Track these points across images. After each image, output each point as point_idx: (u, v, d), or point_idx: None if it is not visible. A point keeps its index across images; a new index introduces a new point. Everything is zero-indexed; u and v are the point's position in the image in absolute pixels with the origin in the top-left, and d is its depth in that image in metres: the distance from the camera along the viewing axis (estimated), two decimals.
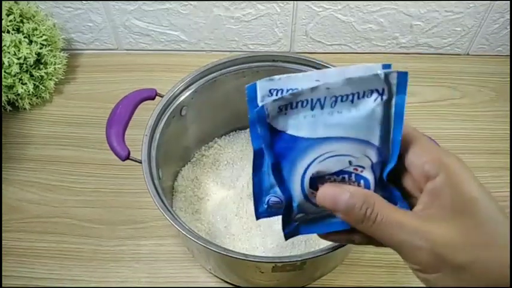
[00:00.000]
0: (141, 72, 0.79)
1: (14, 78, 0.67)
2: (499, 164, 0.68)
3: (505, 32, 0.78)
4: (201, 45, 0.81)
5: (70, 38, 0.81)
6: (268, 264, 0.45)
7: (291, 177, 0.30)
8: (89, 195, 0.65)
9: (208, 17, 0.76)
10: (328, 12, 0.75)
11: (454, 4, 0.74)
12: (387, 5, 0.74)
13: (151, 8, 0.75)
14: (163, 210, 0.46)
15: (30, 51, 0.67)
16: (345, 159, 0.29)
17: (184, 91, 0.56)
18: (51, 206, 0.63)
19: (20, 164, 0.68)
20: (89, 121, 0.72)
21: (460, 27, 0.77)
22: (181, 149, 0.63)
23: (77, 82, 0.78)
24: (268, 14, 0.76)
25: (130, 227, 0.62)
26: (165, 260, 0.59)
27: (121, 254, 0.59)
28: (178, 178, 0.63)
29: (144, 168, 0.48)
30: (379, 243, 0.30)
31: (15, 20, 0.67)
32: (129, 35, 0.80)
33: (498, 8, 0.74)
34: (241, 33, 0.79)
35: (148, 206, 0.63)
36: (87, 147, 0.69)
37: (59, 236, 0.61)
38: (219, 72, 0.57)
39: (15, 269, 0.58)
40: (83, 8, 0.76)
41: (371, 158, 0.29)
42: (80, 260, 0.59)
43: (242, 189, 0.62)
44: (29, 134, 0.71)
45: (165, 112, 0.54)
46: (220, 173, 0.64)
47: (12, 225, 0.62)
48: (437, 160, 0.28)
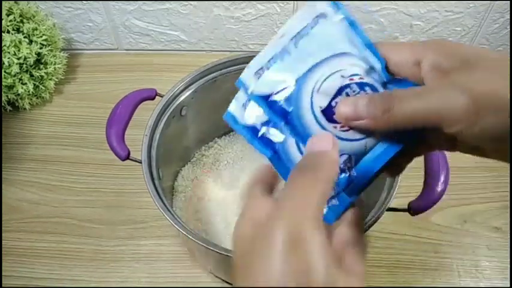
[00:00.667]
0: (141, 72, 0.79)
1: (14, 78, 0.67)
2: (499, 164, 0.68)
3: (505, 32, 0.78)
4: (201, 45, 0.81)
5: (70, 38, 0.81)
6: None
7: (306, 127, 0.28)
8: (89, 195, 0.65)
9: (208, 17, 0.76)
10: None
11: (454, 4, 0.74)
12: (387, 5, 0.74)
13: (151, 8, 0.75)
14: (163, 210, 0.46)
15: (30, 51, 0.67)
16: (336, 76, 0.28)
17: (184, 91, 0.56)
18: (51, 206, 0.63)
19: (20, 164, 0.68)
20: (89, 121, 0.72)
21: (460, 27, 0.77)
22: (181, 149, 0.63)
23: (77, 82, 0.78)
24: (268, 14, 0.76)
25: (130, 227, 0.62)
26: (165, 260, 0.59)
27: (121, 254, 0.59)
28: (178, 178, 0.63)
29: (144, 168, 0.48)
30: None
31: (15, 20, 0.67)
32: (129, 35, 0.80)
33: (498, 8, 0.74)
34: (241, 33, 0.79)
35: (148, 206, 0.63)
36: (87, 147, 0.69)
37: (59, 236, 0.61)
38: (219, 72, 0.57)
39: (15, 269, 0.58)
40: (83, 8, 0.76)
41: (360, 65, 0.29)
42: (80, 260, 0.59)
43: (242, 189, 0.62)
44: (29, 134, 0.71)
45: (165, 112, 0.54)
46: (220, 173, 0.64)
47: (12, 225, 0.62)
48: (419, 45, 0.28)
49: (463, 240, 0.61)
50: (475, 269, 0.59)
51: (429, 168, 0.48)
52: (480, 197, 0.65)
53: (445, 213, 0.63)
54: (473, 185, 0.66)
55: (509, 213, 0.63)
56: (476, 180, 0.66)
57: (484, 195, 0.65)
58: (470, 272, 0.58)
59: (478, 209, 0.64)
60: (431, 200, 0.47)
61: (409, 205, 0.48)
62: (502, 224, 0.62)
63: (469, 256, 0.60)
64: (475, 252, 0.60)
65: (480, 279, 0.58)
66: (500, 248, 0.60)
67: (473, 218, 0.63)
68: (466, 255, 0.60)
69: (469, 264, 0.59)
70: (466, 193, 0.65)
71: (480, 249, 0.60)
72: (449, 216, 0.63)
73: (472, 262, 0.59)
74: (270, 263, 0.22)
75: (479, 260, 0.59)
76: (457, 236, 0.61)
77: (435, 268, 0.59)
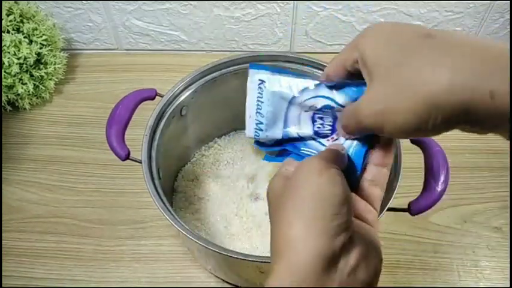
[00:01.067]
0: (141, 72, 0.79)
1: (14, 78, 0.67)
2: (499, 164, 0.68)
3: (505, 32, 0.78)
4: (201, 45, 0.81)
5: (70, 38, 0.81)
6: (268, 264, 0.45)
7: (309, 145, 0.37)
8: (89, 195, 0.65)
9: (208, 17, 0.76)
10: (328, 12, 0.75)
11: (454, 4, 0.74)
12: (387, 5, 0.74)
13: (151, 8, 0.75)
14: (163, 210, 0.46)
15: (30, 51, 0.67)
16: (304, 115, 0.35)
17: (184, 91, 0.56)
18: (51, 206, 0.63)
19: (20, 164, 0.68)
20: (89, 121, 0.72)
21: (460, 27, 0.77)
22: (181, 149, 0.63)
23: (77, 82, 0.78)
24: (268, 14, 0.76)
25: (131, 227, 0.62)
26: (165, 260, 0.59)
27: (121, 254, 0.59)
28: (178, 178, 0.63)
29: (144, 168, 0.48)
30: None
31: (15, 20, 0.67)
32: (129, 35, 0.80)
33: (498, 8, 0.74)
34: (241, 33, 0.79)
35: (148, 206, 0.63)
36: (87, 147, 0.69)
37: (59, 236, 0.61)
38: (219, 72, 0.57)
39: (15, 269, 0.58)
40: (83, 8, 0.76)
41: (309, 95, 0.35)
42: (80, 260, 0.59)
43: (242, 189, 0.62)
44: (29, 134, 0.71)
45: (165, 112, 0.54)
46: (220, 173, 0.64)
47: (12, 225, 0.62)
48: (352, 44, 0.30)
49: (463, 240, 0.61)
50: (475, 269, 0.59)
51: (429, 168, 0.48)
52: (480, 197, 0.65)
53: (445, 213, 0.63)
54: (473, 185, 0.66)
55: (509, 213, 0.63)
56: (476, 180, 0.67)
57: (484, 195, 0.65)
58: (470, 272, 0.58)
59: (478, 209, 0.64)
60: (431, 200, 0.47)
61: (409, 205, 0.48)
62: (502, 224, 0.62)
63: (469, 256, 0.60)
64: (475, 252, 0.60)
65: (480, 279, 0.58)
66: (500, 248, 0.60)
67: (473, 218, 0.63)
68: (466, 255, 0.60)
69: (469, 264, 0.59)
70: (466, 193, 0.65)
71: (480, 249, 0.60)
72: (449, 216, 0.63)
73: (472, 262, 0.59)
74: (297, 197, 0.27)
75: (479, 260, 0.59)
76: (457, 236, 0.61)
77: (435, 268, 0.59)
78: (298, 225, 0.26)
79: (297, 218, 0.26)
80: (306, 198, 0.27)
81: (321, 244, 0.25)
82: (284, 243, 0.26)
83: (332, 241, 0.26)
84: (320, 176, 0.28)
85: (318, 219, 0.26)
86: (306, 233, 0.26)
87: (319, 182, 0.27)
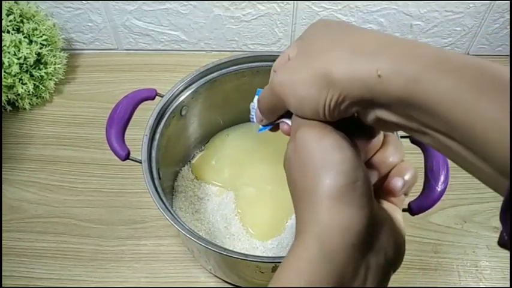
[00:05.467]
0: (141, 72, 0.79)
1: (14, 78, 0.67)
2: None
3: (505, 32, 0.78)
4: (201, 45, 0.81)
5: (70, 38, 0.81)
6: (268, 264, 0.45)
7: None
8: (89, 195, 0.65)
9: (208, 17, 0.76)
10: (328, 12, 0.75)
11: (454, 4, 0.74)
12: (387, 5, 0.74)
13: (151, 8, 0.75)
14: (163, 210, 0.46)
15: (30, 51, 0.67)
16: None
17: (184, 91, 0.56)
18: (51, 206, 0.64)
19: (20, 164, 0.68)
20: (89, 121, 0.72)
21: (460, 27, 0.77)
22: (181, 149, 0.63)
23: (77, 82, 0.78)
24: (268, 14, 0.76)
25: (131, 227, 0.62)
26: (165, 260, 0.59)
27: (121, 254, 0.59)
28: (178, 178, 0.63)
29: (144, 168, 0.48)
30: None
31: (15, 20, 0.67)
32: (129, 35, 0.80)
33: (498, 8, 0.74)
34: (241, 33, 0.79)
35: (148, 206, 0.63)
36: (87, 147, 0.69)
37: (59, 236, 0.61)
38: (219, 72, 0.57)
39: (15, 269, 0.58)
40: (83, 8, 0.76)
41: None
42: (80, 260, 0.59)
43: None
44: (29, 134, 0.71)
45: (165, 112, 0.54)
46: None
47: (12, 225, 0.62)
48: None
49: (463, 240, 0.61)
50: (475, 269, 0.59)
51: (429, 168, 0.48)
52: (480, 197, 0.65)
53: (445, 213, 0.63)
54: (473, 185, 0.66)
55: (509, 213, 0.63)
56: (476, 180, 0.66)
57: (484, 195, 0.65)
58: (470, 272, 0.58)
59: (478, 209, 0.64)
60: (431, 200, 0.47)
61: (409, 205, 0.48)
62: None
63: (469, 256, 0.60)
64: (475, 252, 0.60)
65: (480, 279, 0.58)
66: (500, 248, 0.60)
67: (473, 218, 0.63)
68: (466, 255, 0.60)
69: (469, 264, 0.59)
70: (466, 193, 0.65)
71: (480, 249, 0.60)
72: (449, 216, 0.63)
73: (472, 262, 0.59)
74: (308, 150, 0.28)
75: (479, 260, 0.59)
76: (457, 236, 0.61)
77: (435, 268, 0.59)
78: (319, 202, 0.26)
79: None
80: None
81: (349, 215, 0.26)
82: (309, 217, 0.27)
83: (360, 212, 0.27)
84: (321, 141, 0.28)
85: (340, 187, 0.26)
86: (331, 205, 0.26)
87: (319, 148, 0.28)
